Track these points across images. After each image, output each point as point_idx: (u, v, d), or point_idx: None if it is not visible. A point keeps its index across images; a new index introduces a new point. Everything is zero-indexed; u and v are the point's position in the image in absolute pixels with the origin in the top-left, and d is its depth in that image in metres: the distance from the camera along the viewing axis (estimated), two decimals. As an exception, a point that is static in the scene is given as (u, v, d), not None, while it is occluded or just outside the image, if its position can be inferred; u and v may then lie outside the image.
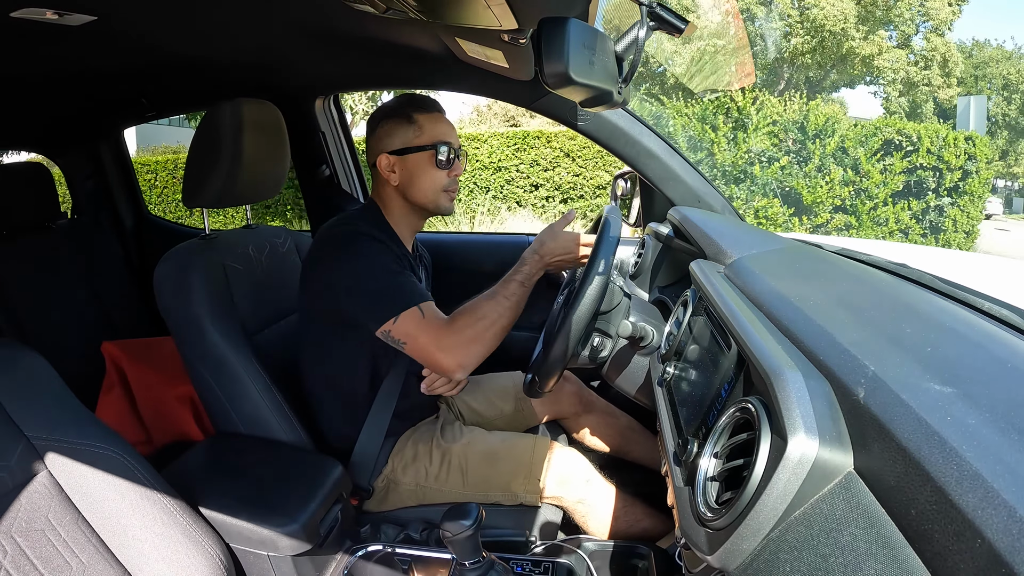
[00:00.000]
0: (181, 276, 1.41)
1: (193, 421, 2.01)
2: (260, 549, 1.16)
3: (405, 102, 1.45)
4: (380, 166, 1.44)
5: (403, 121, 1.43)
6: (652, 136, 1.69)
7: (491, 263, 2.31)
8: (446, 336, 1.29)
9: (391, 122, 1.43)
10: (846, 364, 0.62)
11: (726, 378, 0.80)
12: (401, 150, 1.42)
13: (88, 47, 1.41)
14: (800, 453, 0.56)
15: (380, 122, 1.45)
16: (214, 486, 1.25)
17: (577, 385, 1.78)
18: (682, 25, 0.93)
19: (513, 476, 1.40)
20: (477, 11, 0.92)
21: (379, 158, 1.44)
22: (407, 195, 1.46)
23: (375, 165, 1.45)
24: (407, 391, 1.48)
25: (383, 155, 1.43)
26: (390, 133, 1.43)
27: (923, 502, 0.46)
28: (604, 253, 1.25)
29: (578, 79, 0.83)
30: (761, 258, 1.10)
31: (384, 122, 1.44)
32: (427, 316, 1.31)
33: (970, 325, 0.79)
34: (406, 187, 1.44)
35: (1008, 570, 0.37)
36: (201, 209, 1.54)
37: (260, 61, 1.67)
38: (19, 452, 0.98)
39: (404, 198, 1.46)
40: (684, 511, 0.75)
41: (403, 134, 1.42)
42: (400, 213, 1.49)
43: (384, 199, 1.49)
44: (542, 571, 1.17)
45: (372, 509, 1.43)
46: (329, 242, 1.38)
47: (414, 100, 1.45)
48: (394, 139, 1.43)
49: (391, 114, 1.44)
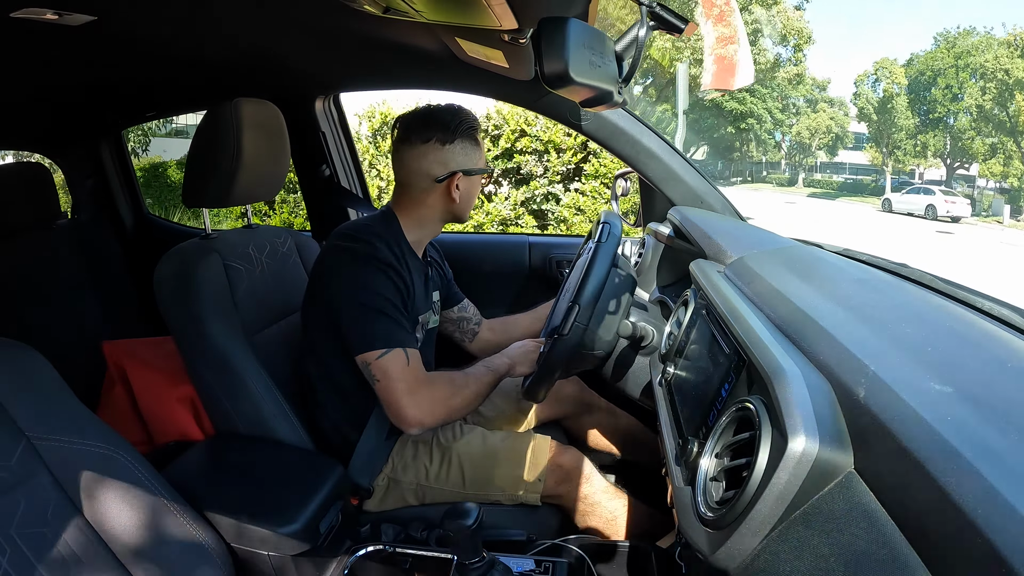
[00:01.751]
0: (182, 276, 1.41)
1: (193, 421, 2.01)
2: (260, 549, 1.16)
3: (474, 123, 1.45)
4: (451, 182, 1.43)
5: (474, 143, 1.44)
6: (652, 136, 1.68)
7: (491, 263, 2.31)
8: (421, 390, 1.32)
9: (468, 141, 1.43)
10: (846, 364, 0.62)
11: (726, 378, 0.80)
12: (471, 170, 1.44)
13: (88, 47, 1.41)
14: (800, 453, 0.56)
15: (456, 139, 1.42)
16: (214, 486, 1.26)
17: (578, 385, 1.78)
18: (682, 25, 0.93)
19: (513, 475, 1.40)
20: (477, 11, 0.92)
21: (454, 176, 1.42)
22: (454, 211, 1.47)
23: (441, 180, 1.43)
24: None
25: (459, 174, 1.42)
26: (466, 152, 1.43)
27: (923, 501, 0.46)
28: (603, 258, 1.25)
29: (578, 79, 0.82)
30: (761, 258, 1.10)
31: (461, 140, 1.43)
32: (412, 364, 1.32)
33: (970, 325, 0.80)
34: (463, 204, 1.46)
35: (1008, 569, 0.37)
36: (201, 209, 1.55)
37: (260, 61, 1.67)
38: (19, 452, 0.98)
39: (451, 212, 1.47)
40: (684, 510, 0.75)
41: (474, 155, 1.44)
42: (433, 224, 1.50)
43: (422, 211, 1.47)
44: (542, 571, 1.17)
45: (372, 509, 1.43)
46: (342, 257, 1.37)
47: (474, 121, 1.45)
48: (469, 159, 1.44)
49: (466, 134, 1.43)
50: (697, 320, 1.07)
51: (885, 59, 27.97)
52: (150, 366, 2.07)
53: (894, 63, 27.69)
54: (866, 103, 27.63)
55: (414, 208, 1.46)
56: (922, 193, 21.97)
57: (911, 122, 26.56)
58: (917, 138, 26.51)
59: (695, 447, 0.79)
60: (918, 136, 26.50)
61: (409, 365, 1.32)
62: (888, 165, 27.47)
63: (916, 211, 21.22)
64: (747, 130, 28.93)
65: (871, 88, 27.99)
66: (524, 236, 2.33)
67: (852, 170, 30.98)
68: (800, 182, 30.73)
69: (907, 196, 22.46)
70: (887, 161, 27.40)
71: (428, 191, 1.44)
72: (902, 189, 23.76)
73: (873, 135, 28.30)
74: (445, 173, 1.42)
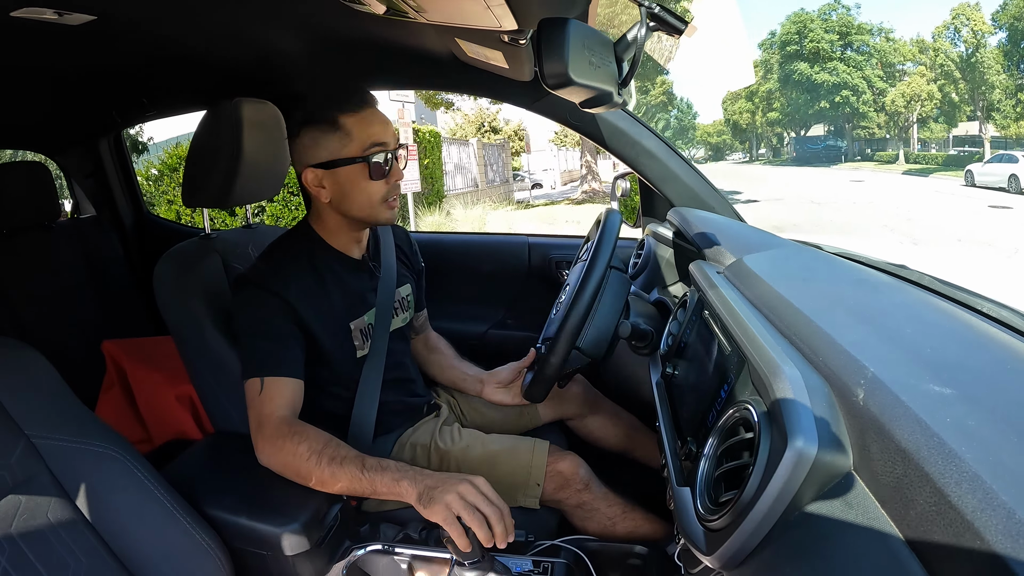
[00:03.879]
0: (181, 276, 1.41)
1: (192, 420, 2.02)
2: (259, 548, 1.16)
3: (327, 102, 1.27)
4: (307, 181, 1.30)
5: (327, 128, 1.26)
6: (652, 137, 1.69)
7: (489, 263, 2.31)
8: (267, 429, 1.19)
9: (313, 129, 1.27)
10: (845, 365, 0.63)
11: (725, 379, 0.80)
12: (328, 163, 1.27)
13: (88, 47, 1.41)
14: (799, 454, 0.56)
15: (301, 128, 1.29)
16: (214, 485, 1.25)
17: (583, 385, 1.77)
18: (681, 26, 0.93)
19: (512, 481, 1.39)
20: (477, 12, 0.92)
21: (304, 173, 1.29)
22: (341, 210, 1.33)
23: (300, 179, 1.32)
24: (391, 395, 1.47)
25: (308, 169, 1.29)
26: (315, 143, 1.27)
27: (922, 503, 0.46)
28: (603, 256, 1.25)
29: (578, 80, 0.83)
30: (760, 259, 1.10)
31: (306, 129, 1.28)
32: (264, 395, 1.21)
33: (969, 326, 0.80)
34: (339, 203, 1.32)
35: (1007, 571, 0.37)
36: (201, 209, 1.54)
37: (260, 61, 1.67)
38: (19, 451, 0.98)
39: (339, 213, 1.35)
40: (683, 511, 0.75)
41: (328, 144, 1.27)
42: (337, 227, 1.38)
43: (319, 213, 1.38)
44: (541, 571, 1.17)
45: (371, 509, 1.43)
46: (234, 283, 1.34)
47: (338, 98, 1.27)
48: (319, 150, 1.28)
49: (312, 119, 1.27)
50: (696, 321, 1.07)
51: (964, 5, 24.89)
52: (149, 365, 2.08)
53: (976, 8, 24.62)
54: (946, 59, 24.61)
55: (315, 213, 1.39)
56: (1005, 161, 18.71)
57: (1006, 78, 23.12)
58: (1018, 96, 23.43)
59: (694, 448, 0.79)
60: (1019, 94, 23.41)
61: (260, 395, 1.21)
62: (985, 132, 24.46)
63: (998, 183, 18.17)
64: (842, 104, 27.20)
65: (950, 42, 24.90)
66: (523, 236, 2.33)
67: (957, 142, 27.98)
68: (902, 158, 28.12)
69: (988, 166, 19.47)
70: (984, 128, 24.60)
71: (311, 192, 1.33)
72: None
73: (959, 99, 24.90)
74: (300, 170, 1.32)
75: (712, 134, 52.41)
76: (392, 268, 1.51)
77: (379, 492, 1.14)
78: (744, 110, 43.34)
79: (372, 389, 1.42)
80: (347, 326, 1.39)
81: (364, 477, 1.13)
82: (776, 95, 39.08)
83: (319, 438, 1.18)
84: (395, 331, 1.51)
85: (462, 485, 1.07)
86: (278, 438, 1.18)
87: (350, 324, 1.39)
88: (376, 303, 1.45)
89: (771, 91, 39.35)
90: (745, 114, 43.38)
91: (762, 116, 41.45)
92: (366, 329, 1.42)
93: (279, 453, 1.18)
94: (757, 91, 40.42)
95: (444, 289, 2.29)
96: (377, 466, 1.14)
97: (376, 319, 1.44)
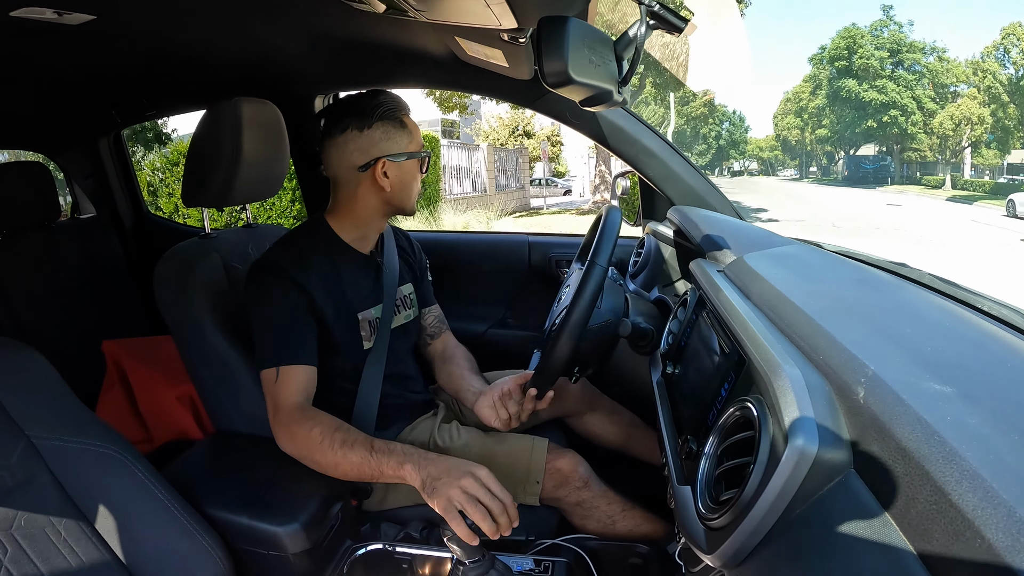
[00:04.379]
0: (181, 276, 1.41)
1: (193, 420, 2.01)
2: (260, 548, 1.16)
3: (394, 103, 1.39)
4: (375, 170, 1.37)
5: (398, 125, 1.38)
6: (652, 135, 1.68)
7: (491, 262, 2.31)
8: (282, 415, 1.25)
9: (388, 125, 1.37)
10: (846, 364, 0.62)
11: (726, 377, 0.80)
12: (399, 155, 1.38)
13: (87, 46, 1.41)
14: (800, 453, 0.56)
15: (374, 123, 1.37)
16: (214, 485, 1.25)
17: (582, 383, 1.77)
18: (682, 24, 0.93)
19: (511, 480, 1.39)
20: (477, 10, 0.92)
21: (378, 163, 1.37)
22: (392, 200, 1.42)
23: (364, 168, 1.37)
24: (391, 389, 1.48)
25: (383, 160, 1.37)
26: (388, 137, 1.37)
27: (923, 502, 0.46)
28: (603, 253, 1.25)
29: (577, 78, 0.83)
30: (761, 258, 1.10)
31: (380, 124, 1.37)
32: (280, 382, 1.27)
33: (970, 325, 0.79)
34: (395, 193, 1.41)
35: (1008, 570, 0.37)
36: (201, 208, 1.54)
37: (260, 60, 1.67)
38: (20, 451, 0.98)
39: (387, 203, 1.42)
40: (684, 510, 0.75)
41: (399, 139, 1.38)
42: (369, 219, 1.44)
43: (355, 205, 1.42)
44: (542, 570, 1.17)
45: (372, 508, 1.43)
46: (249, 272, 1.37)
47: (400, 102, 1.40)
48: (392, 144, 1.38)
49: (386, 115, 1.37)
50: (697, 320, 1.07)
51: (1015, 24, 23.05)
52: (150, 365, 2.08)
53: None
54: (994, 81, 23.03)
55: (347, 204, 1.43)
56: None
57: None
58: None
59: (695, 446, 0.79)
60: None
61: (276, 382, 1.27)
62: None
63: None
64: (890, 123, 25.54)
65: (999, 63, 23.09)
66: (524, 235, 2.33)
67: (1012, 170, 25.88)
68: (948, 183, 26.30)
69: (1028, 195, 17.57)
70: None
71: (356, 183, 1.40)
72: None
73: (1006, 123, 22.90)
74: (366, 160, 1.37)
75: (764, 148, 51.42)
76: (395, 266, 1.54)
77: (386, 475, 1.17)
78: (793, 126, 42.32)
79: (374, 384, 1.44)
80: (356, 317, 1.42)
81: (372, 459, 1.17)
82: (825, 112, 37.87)
83: (330, 423, 1.23)
84: (397, 328, 1.52)
85: (465, 479, 1.09)
86: (292, 424, 1.23)
87: (358, 315, 1.42)
88: (383, 298, 1.48)
89: (820, 107, 38.16)
90: (794, 130, 42.30)
91: (811, 133, 40.28)
92: (373, 322, 1.46)
93: (294, 439, 1.23)
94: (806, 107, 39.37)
95: (444, 288, 2.28)
96: (384, 448, 1.18)
97: (382, 314, 1.47)
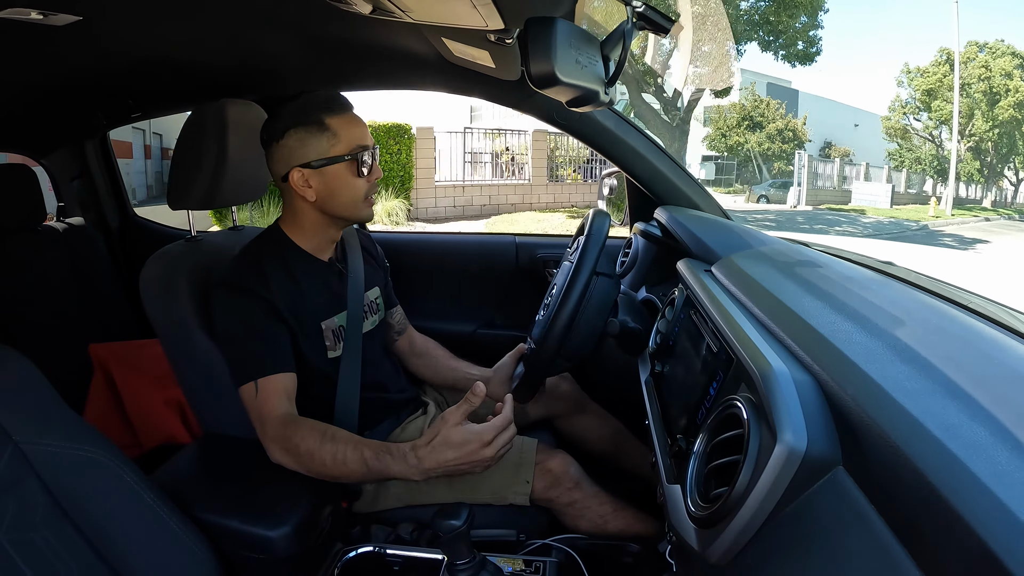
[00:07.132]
0: (167, 279, 1.40)
1: (181, 424, 2.00)
2: (251, 552, 1.16)
3: (313, 105, 1.32)
4: (292, 181, 1.32)
5: (315, 128, 1.30)
6: (638, 136, 1.69)
7: (477, 263, 2.31)
8: (268, 429, 1.24)
9: (301, 130, 1.30)
10: (834, 361, 0.63)
11: (714, 376, 0.80)
12: (316, 163, 1.31)
13: (73, 47, 1.39)
14: (789, 450, 0.56)
15: (287, 130, 1.31)
16: (204, 489, 1.25)
17: (572, 384, 1.77)
18: (668, 25, 0.93)
19: (501, 480, 1.39)
20: (464, 11, 0.92)
21: (291, 173, 1.31)
22: (325, 209, 1.36)
23: (285, 179, 1.33)
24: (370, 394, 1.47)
25: (295, 169, 1.31)
26: (302, 143, 1.30)
27: (912, 499, 0.46)
28: (591, 256, 1.26)
29: (564, 79, 0.83)
30: (747, 257, 1.11)
31: (293, 130, 1.30)
32: (260, 397, 1.25)
33: (958, 322, 0.80)
34: (324, 201, 1.34)
35: (998, 566, 0.38)
36: (187, 211, 1.53)
37: (247, 62, 1.66)
38: (7, 456, 0.97)
39: (321, 212, 1.37)
40: (674, 508, 0.75)
41: (317, 144, 1.30)
42: (315, 228, 1.40)
43: (296, 215, 1.39)
44: (533, 570, 1.17)
45: (362, 510, 1.43)
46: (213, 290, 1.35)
47: (323, 102, 1.33)
48: (307, 150, 1.30)
49: (299, 120, 1.30)
50: (684, 319, 1.07)
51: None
52: (137, 369, 2.07)
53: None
54: None
55: (292, 215, 1.40)
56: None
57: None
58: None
59: (684, 445, 0.80)
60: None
61: (257, 397, 1.25)
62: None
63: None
64: None
65: None
66: (511, 236, 2.32)
67: None
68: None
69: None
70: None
71: (289, 194, 1.36)
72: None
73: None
74: (285, 171, 1.33)
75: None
76: (360, 271, 1.52)
77: (372, 470, 1.18)
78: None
79: (351, 391, 1.42)
80: (318, 326, 1.39)
81: (361, 459, 1.18)
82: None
83: (315, 430, 1.22)
84: (367, 333, 1.50)
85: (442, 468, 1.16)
86: (280, 439, 1.23)
87: (321, 324, 1.40)
88: (347, 305, 1.45)
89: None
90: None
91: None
92: (337, 331, 1.43)
93: (285, 454, 1.22)
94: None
95: (432, 289, 2.28)
96: (371, 447, 1.19)
97: (348, 321, 1.44)
